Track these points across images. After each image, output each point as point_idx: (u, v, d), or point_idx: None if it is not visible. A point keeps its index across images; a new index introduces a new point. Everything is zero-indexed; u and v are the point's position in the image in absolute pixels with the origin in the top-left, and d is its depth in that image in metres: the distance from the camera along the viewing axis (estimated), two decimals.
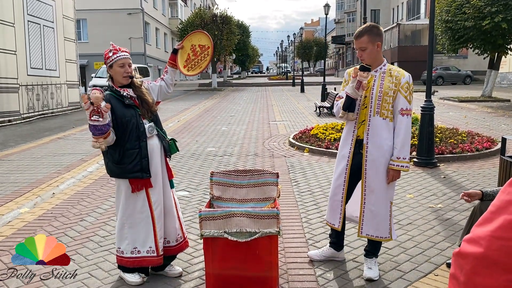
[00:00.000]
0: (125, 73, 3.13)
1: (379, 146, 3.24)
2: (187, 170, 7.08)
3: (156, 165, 3.22)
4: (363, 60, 3.24)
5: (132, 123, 3.10)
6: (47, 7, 16.97)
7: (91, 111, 2.83)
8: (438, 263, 3.58)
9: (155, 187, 3.23)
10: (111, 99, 3.10)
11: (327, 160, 7.64)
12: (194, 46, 3.41)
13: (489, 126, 11.58)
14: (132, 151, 3.11)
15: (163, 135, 3.31)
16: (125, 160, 3.11)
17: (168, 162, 3.39)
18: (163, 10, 44.01)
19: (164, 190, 3.31)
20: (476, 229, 1.10)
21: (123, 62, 3.12)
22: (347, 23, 57.70)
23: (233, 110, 17.23)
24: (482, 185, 5.88)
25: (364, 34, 3.19)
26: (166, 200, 3.33)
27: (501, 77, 28.05)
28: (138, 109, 3.17)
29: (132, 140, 3.11)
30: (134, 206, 3.21)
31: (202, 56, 3.40)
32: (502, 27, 16.88)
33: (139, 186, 3.16)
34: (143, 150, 3.13)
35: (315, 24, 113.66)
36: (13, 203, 5.40)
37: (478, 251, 1.03)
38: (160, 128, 3.31)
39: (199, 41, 3.41)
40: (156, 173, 3.23)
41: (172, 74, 3.41)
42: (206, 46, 3.41)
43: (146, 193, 3.21)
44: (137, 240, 3.23)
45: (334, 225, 3.49)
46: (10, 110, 14.27)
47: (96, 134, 2.91)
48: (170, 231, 3.37)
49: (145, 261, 3.25)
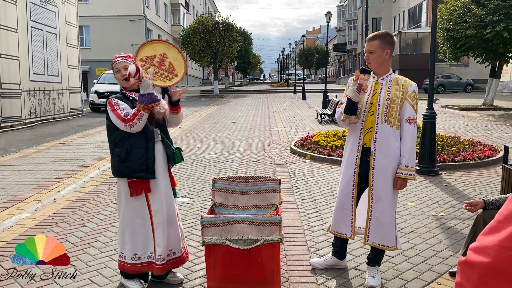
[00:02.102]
0: (122, 77, 3.16)
1: (387, 154, 3.23)
2: (188, 176, 7.07)
3: (157, 171, 3.20)
4: (369, 63, 3.26)
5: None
6: (50, 13, 17.06)
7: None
8: (440, 272, 3.56)
9: (155, 193, 3.19)
10: (122, 99, 3.16)
11: (328, 167, 7.62)
12: (165, 57, 3.17)
13: (490, 134, 11.57)
14: (139, 150, 3.11)
15: (168, 143, 3.29)
16: (131, 158, 3.11)
17: (171, 170, 3.36)
18: (165, 17, 44.22)
19: (166, 198, 3.26)
20: (483, 238, 1.09)
21: (118, 67, 3.16)
22: (349, 31, 57.86)
23: (234, 117, 17.24)
24: (484, 194, 5.86)
25: (376, 38, 3.22)
26: (168, 209, 3.26)
27: (503, 86, 28.07)
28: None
29: (140, 140, 3.12)
30: (134, 211, 3.20)
31: (166, 74, 3.16)
32: (504, 36, 16.92)
33: (138, 190, 3.14)
34: (150, 150, 3.13)
35: (316, 32, 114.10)
36: (14, 209, 5.39)
37: (486, 261, 1.02)
38: (166, 136, 3.29)
39: (174, 59, 3.19)
40: (157, 179, 3.20)
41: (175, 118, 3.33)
42: (175, 72, 3.18)
43: (146, 199, 3.19)
44: (136, 246, 3.21)
45: (346, 234, 3.43)
46: (12, 116, 14.29)
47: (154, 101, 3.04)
48: (173, 241, 3.29)
49: (145, 267, 3.23)
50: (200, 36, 33.88)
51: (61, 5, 18.06)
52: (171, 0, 45.69)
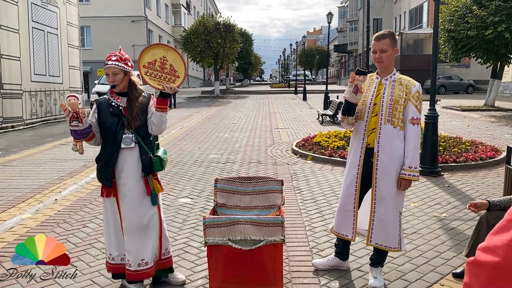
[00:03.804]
0: (109, 82, 3.15)
1: (391, 155, 3.21)
2: (190, 177, 7.05)
3: (127, 178, 3.13)
4: (381, 61, 3.24)
5: (111, 130, 3.12)
6: (51, 14, 17.07)
7: (70, 117, 2.95)
8: (444, 273, 3.54)
9: (124, 199, 3.15)
10: (102, 103, 3.19)
11: (330, 168, 7.61)
12: (165, 60, 3.15)
13: (492, 135, 11.55)
14: (105, 157, 3.15)
15: (147, 150, 3.16)
16: (99, 163, 3.19)
17: (148, 177, 3.18)
18: (166, 18, 44.27)
19: (137, 206, 3.15)
20: (492, 238, 1.07)
21: (107, 72, 3.14)
22: (350, 32, 57.87)
23: (235, 117, 17.23)
24: (487, 195, 5.84)
25: (386, 37, 3.21)
26: (139, 217, 3.15)
27: (504, 87, 28.04)
28: (125, 118, 3.14)
29: (108, 146, 3.15)
30: (108, 211, 3.24)
31: (169, 77, 3.14)
32: (505, 36, 16.90)
33: (106, 192, 3.19)
34: (113, 159, 3.12)
35: (317, 33, 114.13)
36: (15, 209, 5.38)
37: (495, 260, 1.01)
38: (146, 143, 3.17)
39: (174, 61, 3.16)
40: (126, 185, 3.13)
41: (159, 118, 3.13)
42: (177, 74, 3.16)
43: (116, 202, 3.18)
44: (110, 246, 3.26)
45: (347, 236, 3.42)
46: (13, 116, 14.29)
47: (78, 138, 3.03)
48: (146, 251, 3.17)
49: (119, 269, 3.27)
50: (201, 37, 33.88)
51: (63, 5, 18.07)
52: (172, 1, 45.76)
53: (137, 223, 3.16)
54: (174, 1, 46.15)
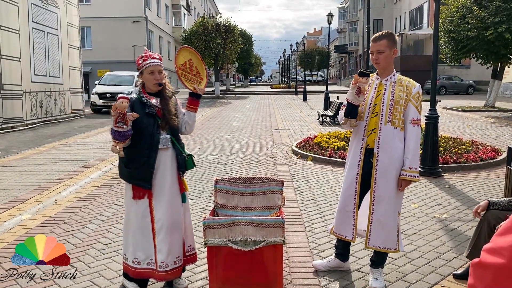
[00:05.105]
0: (154, 80, 3.11)
1: (390, 155, 3.21)
2: (190, 177, 7.04)
3: (163, 178, 3.14)
4: (378, 63, 3.23)
5: (148, 131, 3.07)
6: (51, 14, 17.08)
7: (117, 117, 2.91)
8: (444, 274, 3.53)
9: (160, 200, 3.13)
10: (135, 103, 3.10)
11: (330, 168, 7.60)
12: (192, 63, 3.31)
13: (492, 136, 11.54)
14: (141, 159, 3.08)
15: (180, 149, 3.22)
16: (132, 165, 3.09)
17: (180, 176, 3.26)
18: (166, 18, 44.26)
19: (172, 205, 3.18)
20: (498, 239, 1.06)
21: (153, 69, 3.10)
22: (350, 32, 57.90)
23: (235, 118, 17.22)
24: (487, 195, 5.83)
25: (384, 38, 3.21)
26: (173, 216, 3.18)
27: (504, 87, 28.02)
28: (160, 119, 3.13)
29: (144, 148, 3.08)
30: (136, 214, 3.15)
31: (195, 78, 3.32)
32: (506, 37, 16.89)
33: (140, 194, 3.11)
34: (151, 160, 3.08)
35: (317, 34, 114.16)
36: (15, 210, 5.38)
37: (500, 262, 1.00)
38: (178, 143, 3.24)
39: (198, 64, 3.34)
40: (163, 185, 3.14)
41: (193, 118, 3.31)
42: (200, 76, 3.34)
43: (149, 204, 3.13)
44: (137, 250, 3.16)
45: (347, 237, 3.40)
46: (13, 117, 14.29)
47: (120, 140, 3.00)
48: (179, 248, 3.22)
49: (144, 273, 3.17)
50: (202, 37, 33.88)
51: (63, 6, 18.09)
52: (172, 2, 45.74)
53: (172, 223, 3.16)
54: (175, 2, 46.14)
